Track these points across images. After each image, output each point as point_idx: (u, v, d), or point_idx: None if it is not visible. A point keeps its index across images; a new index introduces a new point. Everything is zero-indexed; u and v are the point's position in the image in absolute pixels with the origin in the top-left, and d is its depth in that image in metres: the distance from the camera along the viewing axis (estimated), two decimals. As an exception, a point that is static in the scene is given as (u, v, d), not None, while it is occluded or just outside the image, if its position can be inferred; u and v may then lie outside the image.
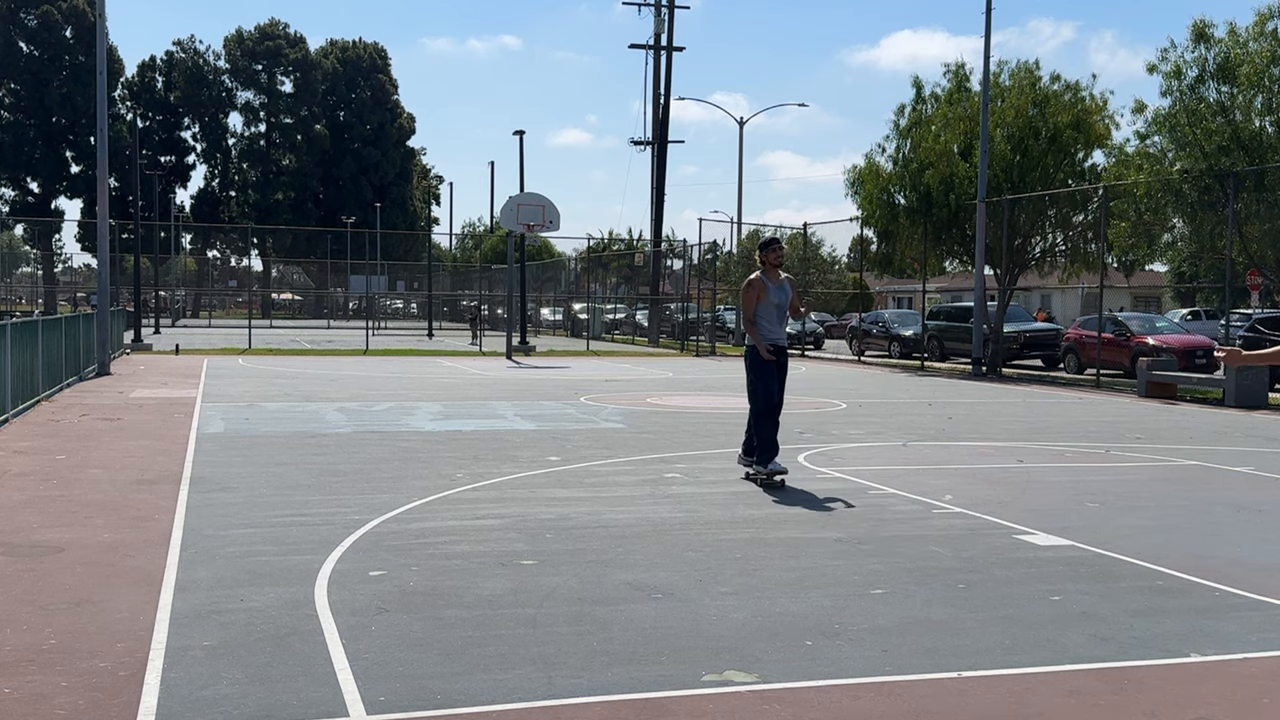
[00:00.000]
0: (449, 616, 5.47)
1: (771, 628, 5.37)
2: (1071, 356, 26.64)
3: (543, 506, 8.39)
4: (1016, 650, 5.10)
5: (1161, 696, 4.56)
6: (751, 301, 9.75)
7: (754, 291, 9.76)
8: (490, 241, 62.98)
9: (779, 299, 9.77)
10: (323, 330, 52.38)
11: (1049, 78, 26.61)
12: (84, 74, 72.24)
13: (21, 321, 14.97)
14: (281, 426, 13.33)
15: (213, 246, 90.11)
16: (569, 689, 4.49)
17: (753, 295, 9.76)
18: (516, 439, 12.47)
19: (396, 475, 9.73)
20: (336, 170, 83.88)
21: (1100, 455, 11.95)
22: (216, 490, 8.88)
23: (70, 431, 12.62)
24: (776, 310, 9.76)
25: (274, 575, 6.20)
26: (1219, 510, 8.71)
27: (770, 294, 9.74)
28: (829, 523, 7.97)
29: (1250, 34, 22.62)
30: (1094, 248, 25.57)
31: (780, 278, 9.88)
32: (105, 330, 21.97)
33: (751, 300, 9.76)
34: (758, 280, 9.82)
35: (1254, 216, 21.87)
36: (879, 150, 28.64)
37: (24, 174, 76.51)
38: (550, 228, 30.99)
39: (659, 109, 42.45)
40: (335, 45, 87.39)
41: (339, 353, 31.85)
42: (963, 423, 15.05)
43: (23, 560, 6.50)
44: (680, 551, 6.96)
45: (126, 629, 5.19)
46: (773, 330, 9.79)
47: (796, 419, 14.53)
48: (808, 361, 31.57)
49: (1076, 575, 6.51)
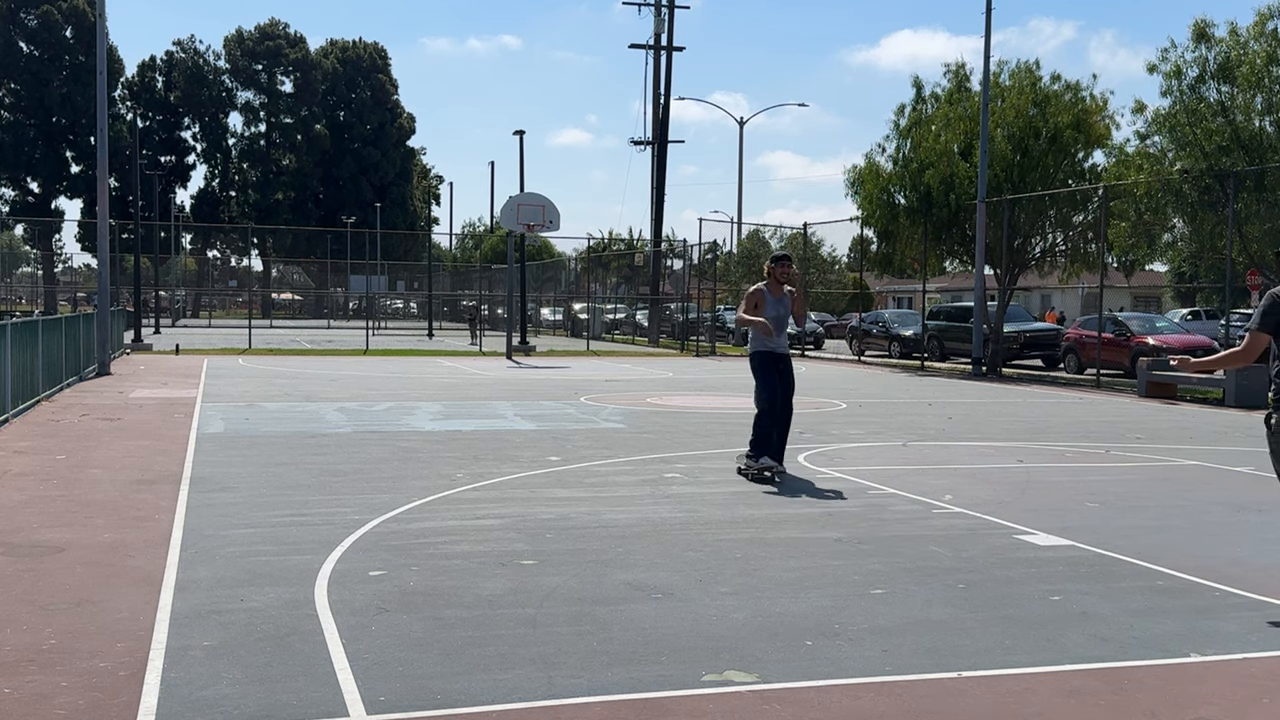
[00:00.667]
0: (449, 616, 5.47)
1: (771, 628, 5.37)
2: (1071, 356, 26.65)
3: (543, 506, 8.39)
4: (1016, 650, 5.10)
5: (1161, 696, 4.56)
6: (750, 309, 10.11)
7: (752, 300, 10.15)
8: (490, 241, 62.99)
9: (775, 312, 10.10)
10: (323, 330, 52.38)
11: (1049, 78, 26.64)
12: (84, 74, 72.25)
13: (21, 321, 14.97)
14: (281, 426, 13.33)
15: (213, 246, 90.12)
16: (569, 689, 4.49)
17: (750, 304, 10.14)
18: (517, 439, 12.47)
19: (396, 475, 9.73)
20: (336, 170, 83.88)
21: (1100, 455, 11.95)
22: (216, 490, 8.88)
23: (70, 431, 12.62)
24: (772, 321, 10.06)
25: (274, 575, 6.20)
26: (1219, 510, 8.71)
27: (768, 307, 10.09)
28: (829, 523, 7.97)
29: (1250, 34, 22.61)
30: (1094, 248, 25.57)
31: (783, 291, 10.20)
32: (105, 330, 21.98)
33: (750, 307, 10.12)
34: (758, 291, 10.19)
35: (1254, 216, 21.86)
36: (879, 150, 28.67)
37: (24, 174, 76.53)
38: (550, 228, 30.99)
39: (659, 109, 42.46)
40: (335, 45, 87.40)
41: (339, 353, 31.85)
42: (963, 423, 15.06)
43: (23, 560, 6.50)
44: (680, 551, 6.96)
45: (126, 629, 5.19)
46: (766, 341, 10.08)
47: (796, 419, 14.49)
48: (808, 361, 31.57)
49: (1076, 575, 6.51)
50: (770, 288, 10.15)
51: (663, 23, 42.05)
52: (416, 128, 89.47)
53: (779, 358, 10.05)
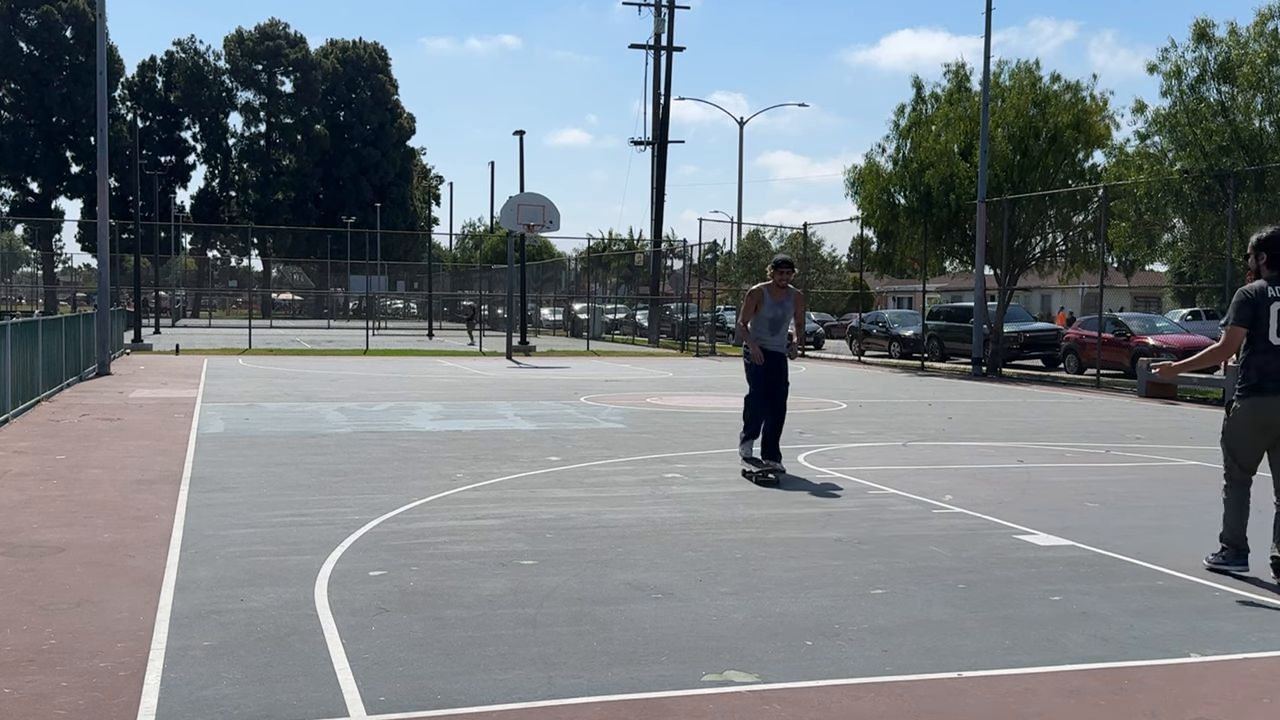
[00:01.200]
0: (449, 616, 5.47)
1: (771, 628, 5.37)
2: (1071, 356, 26.64)
3: (543, 506, 8.39)
4: (1016, 650, 5.10)
5: (1161, 696, 4.56)
6: (749, 310, 10.23)
7: (752, 301, 10.25)
8: (490, 241, 62.98)
9: (774, 313, 10.21)
10: (323, 330, 52.37)
11: (1049, 78, 26.64)
12: (84, 74, 72.24)
13: (21, 322, 14.96)
14: (281, 426, 13.33)
15: (213, 246, 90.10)
16: (569, 689, 4.48)
17: (750, 304, 10.25)
18: (516, 439, 12.47)
19: (396, 475, 9.73)
20: (336, 170, 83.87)
21: (1100, 455, 11.95)
22: (216, 490, 8.88)
23: (70, 431, 12.62)
24: (769, 323, 10.19)
25: (274, 575, 6.20)
26: (1219, 510, 8.68)
27: (766, 308, 10.20)
28: (829, 523, 7.97)
29: (1250, 34, 22.60)
30: (1094, 248, 25.57)
31: (783, 294, 10.28)
32: (105, 330, 21.97)
33: (749, 308, 10.23)
34: (758, 291, 10.29)
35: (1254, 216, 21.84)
36: (879, 150, 28.66)
37: (24, 174, 76.52)
38: (550, 228, 30.99)
39: (659, 109, 42.46)
40: (335, 45, 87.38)
41: (339, 353, 31.85)
42: (963, 423, 15.06)
43: (23, 560, 6.50)
44: (680, 551, 6.96)
45: (126, 629, 5.19)
46: (764, 339, 10.20)
47: (797, 419, 14.52)
48: (808, 362, 31.57)
49: (1076, 575, 6.51)
50: (771, 290, 10.24)
51: (663, 23, 42.06)
52: (416, 128, 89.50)
53: (769, 354, 10.12)
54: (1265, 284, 6.46)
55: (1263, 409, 6.39)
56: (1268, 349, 6.36)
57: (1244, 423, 6.46)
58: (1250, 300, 6.42)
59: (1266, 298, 6.40)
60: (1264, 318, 6.37)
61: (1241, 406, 6.45)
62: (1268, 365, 6.35)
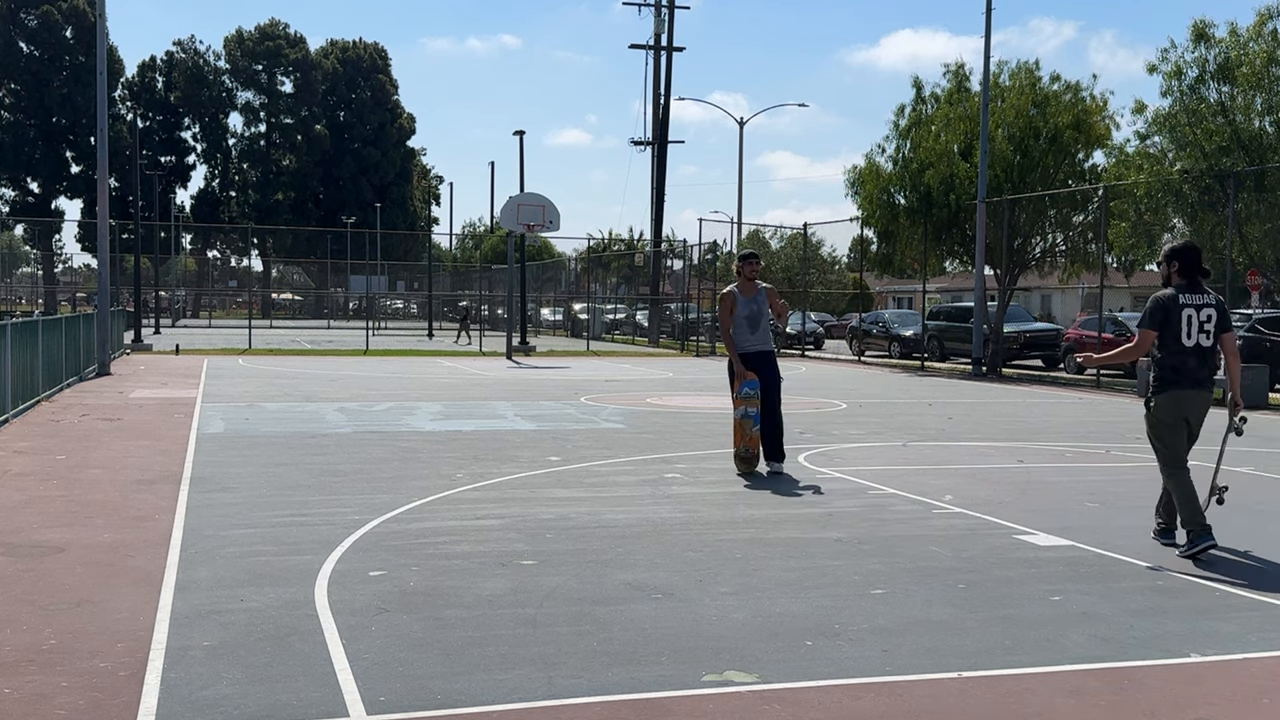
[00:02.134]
0: (449, 616, 5.47)
1: (771, 628, 5.37)
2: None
3: (543, 506, 8.39)
4: (1016, 650, 5.10)
5: (1161, 696, 4.56)
6: (726, 315, 10.25)
7: (726, 306, 10.29)
8: (490, 241, 62.98)
9: (748, 310, 10.22)
10: (323, 330, 52.39)
11: (1049, 78, 26.65)
12: (84, 74, 72.27)
13: (21, 322, 14.97)
14: (281, 426, 13.33)
15: (213, 246, 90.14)
16: (569, 689, 4.48)
17: (725, 310, 10.29)
18: (516, 439, 12.47)
19: (396, 475, 9.73)
20: (336, 170, 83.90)
21: (1100, 455, 11.95)
22: (216, 490, 8.88)
23: (70, 431, 12.62)
24: (746, 321, 10.19)
25: (274, 575, 6.20)
26: (1219, 510, 8.70)
27: (740, 307, 10.22)
28: (829, 523, 7.97)
29: (1250, 34, 22.63)
30: (1094, 248, 25.57)
31: (755, 289, 10.29)
32: (105, 330, 21.98)
33: (726, 314, 10.26)
34: (729, 295, 10.32)
35: (1254, 216, 21.87)
36: (879, 150, 28.67)
37: (24, 174, 76.57)
38: (550, 228, 31.00)
39: (659, 109, 42.47)
40: (335, 45, 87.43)
41: (339, 353, 31.85)
42: (963, 423, 15.06)
43: (23, 560, 6.50)
44: (680, 551, 6.96)
45: (126, 629, 5.19)
46: (745, 340, 10.21)
47: (796, 419, 14.52)
48: (808, 361, 31.57)
49: (1076, 575, 6.51)
50: (741, 288, 10.25)
51: (663, 23, 42.06)
52: (416, 128, 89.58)
53: (753, 355, 10.14)
54: (1175, 292, 7.06)
55: (1182, 401, 7.06)
56: (1181, 350, 7.00)
57: (1166, 414, 7.09)
58: (1163, 306, 7.04)
59: (1178, 304, 7.01)
60: (1175, 322, 6.99)
61: (1161, 401, 7.09)
62: (1183, 364, 7.01)
